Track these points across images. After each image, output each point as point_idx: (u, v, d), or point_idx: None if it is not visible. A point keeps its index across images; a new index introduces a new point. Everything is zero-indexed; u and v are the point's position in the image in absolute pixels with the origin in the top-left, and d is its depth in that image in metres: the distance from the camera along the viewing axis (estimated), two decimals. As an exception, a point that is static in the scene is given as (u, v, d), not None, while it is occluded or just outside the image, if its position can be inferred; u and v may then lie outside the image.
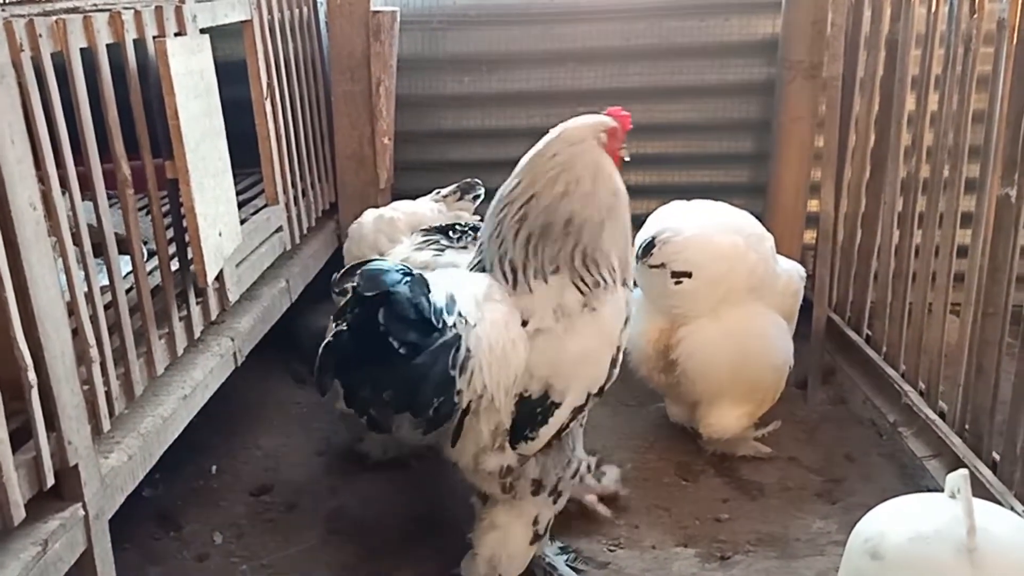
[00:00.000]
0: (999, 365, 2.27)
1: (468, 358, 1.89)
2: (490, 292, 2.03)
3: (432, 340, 1.82)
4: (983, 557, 1.57)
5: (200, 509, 2.67)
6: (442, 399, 1.87)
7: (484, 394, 1.95)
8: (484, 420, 1.99)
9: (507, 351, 1.97)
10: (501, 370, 1.96)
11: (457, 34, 3.69)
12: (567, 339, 2.02)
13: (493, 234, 2.09)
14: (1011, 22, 2.15)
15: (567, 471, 2.14)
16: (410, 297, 1.80)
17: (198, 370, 2.23)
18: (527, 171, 2.09)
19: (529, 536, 2.16)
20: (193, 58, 2.15)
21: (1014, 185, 2.16)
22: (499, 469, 2.05)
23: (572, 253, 2.05)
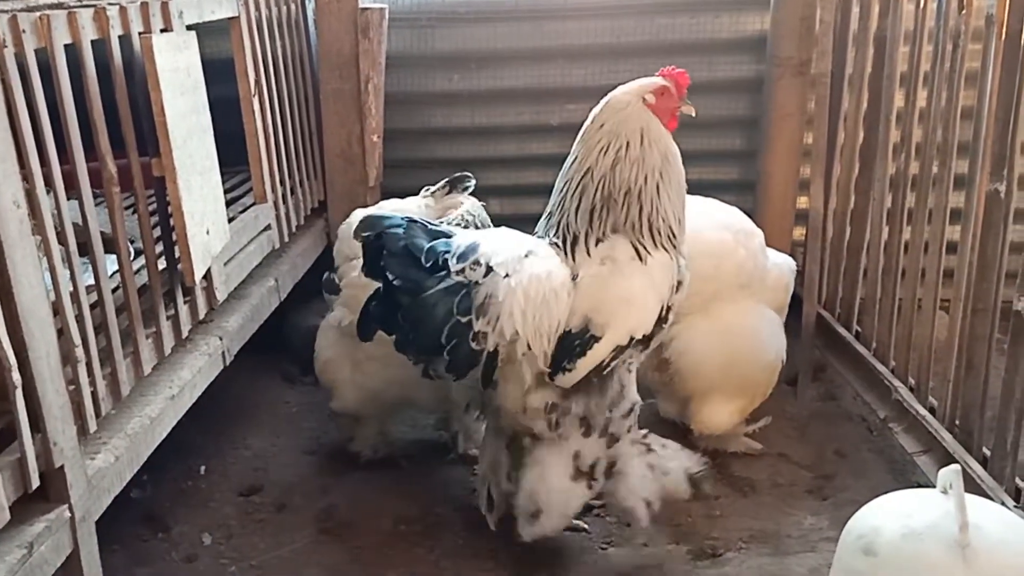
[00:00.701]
0: (989, 361, 2.28)
1: (489, 304, 2.01)
2: (537, 249, 2.14)
3: (432, 280, 1.99)
4: (975, 553, 1.57)
5: (188, 510, 2.65)
6: (455, 341, 2.00)
7: (518, 340, 2.05)
8: (526, 367, 2.10)
9: (548, 300, 2.07)
10: (541, 318, 2.06)
11: (446, 31, 3.68)
12: (611, 279, 2.11)
13: (555, 210, 2.20)
14: (999, 18, 2.15)
15: (615, 412, 2.19)
16: (403, 236, 2.02)
17: (186, 370, 2.21)
18: (581, 144, 2.19)
19: (570, 471, 2.23)
20: (179, 54, 2.13)
21: (1003, 181, 2.16)
22: (544, 405, 2.15)
23: (634, 221, 2.13)
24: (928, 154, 2.58)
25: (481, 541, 2.46)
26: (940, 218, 2.53)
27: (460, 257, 2.03)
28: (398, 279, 2.01)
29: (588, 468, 2.24)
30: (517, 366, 2.11)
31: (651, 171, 2.13)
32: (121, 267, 2.00)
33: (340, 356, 2.72)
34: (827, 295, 3.31)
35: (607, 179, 2.12)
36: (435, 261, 2.03)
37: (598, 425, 2.19)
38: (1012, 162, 2.14)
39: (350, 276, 2.63)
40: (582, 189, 2.15)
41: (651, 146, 2.13)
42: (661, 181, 2.14)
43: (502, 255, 2.07)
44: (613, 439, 2.22)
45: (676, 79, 2.19)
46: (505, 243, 2.12)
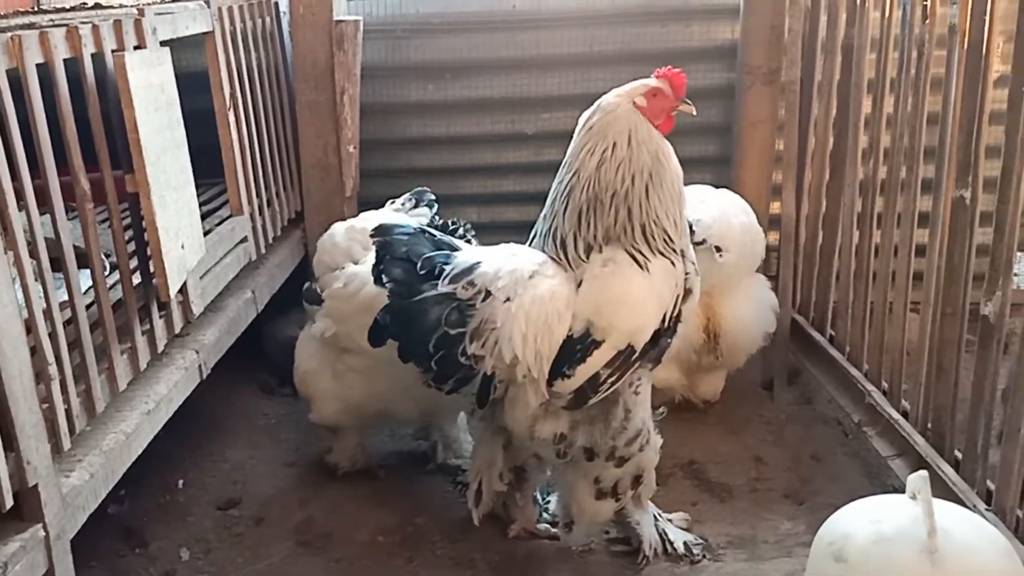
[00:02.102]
0: (959, 364, 2.31)
1: (486, 329, 2.04)
2: (542, 268, 2.14)
3: (423, 286, 2.04)
4: (944, 558, 1.59)
5: (166, 525, 2.64)
6: (442, 352, 2.04)
7: (518, 365, 2.06)
8: (531, 390, 2.11)
9: (551, 322, 2.08)
10: (542, 341, 2.07)
11: (421, 42, 3.70)
12: (610, 281, 2.12)
13: (548, 214, 2.22)
14: (962, 27, 2.19)
15: (619, 439, 2.19)
16: (406, 243, 2.10)
17: (162, 384, 2.21)
18: (572, 148, 2.19)
19: (592, 492, 2.27)
20: (153, 71, 2.13)
21: (968, 187, 2.20)
22: (553, 436, 2.16)
23: (625, 225, 2.13)
24: (896, 159, 2.62)
25: (460, 550, 2.47)
26: (909, 222, 2.57)
27: (455, 277, 2.05)
28: (391, 282, 2.07)
29: (611, 489, 2.28)
30: (520, 390, 2.12)
31: (639, 172, 2.11)
32: (95, 283, 2.00)
33: (321, 367, 2.72)
34: (801, 299, 3.35)
35: (592, 180, 2.13)
36: (430, 270, 2.06)
37: (603, 452, 2.20)
38: (977, 168, 2.18)
39: (332, 287, 2.63)
40: (570, 191, 2.16)
41: (639, 147, 2.12)
42: (651, 183, 2.12)
43: (504, 278, 2.08)
44: (623, 461, 2.23)
45: (671, 79, 2.17)
46: (509, 264, 2.12)
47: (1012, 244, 2.05)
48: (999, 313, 2.09)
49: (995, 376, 2.14)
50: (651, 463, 2.31)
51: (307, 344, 2.78)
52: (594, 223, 2.14)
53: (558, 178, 2.21)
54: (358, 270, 2.56)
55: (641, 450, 2.25)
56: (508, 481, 2.41)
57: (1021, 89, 1.96)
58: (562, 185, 2.18)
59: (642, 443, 2.24)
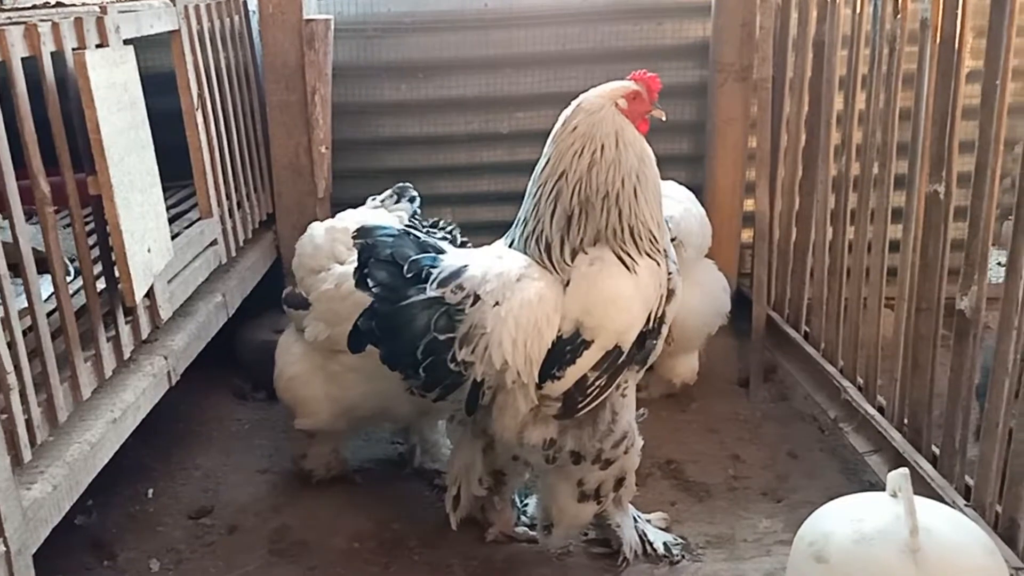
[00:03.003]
0: (934, 359, 2.32)
1: (476, 334, 2.01)
2: (528, 271, 2.11)
3: (411, 290, 2.00)
4: (926, 557, 1.58)
5: (136, 535, 2.58)
6: (431, 358, 2.00)
7: (508, 370, 2.03)
8: (520, 396, 2.08)
9: (540, 326, 2.06)
10: (532, 345, 2.05)
11: (393, 41, 3.66)
12: (598, 279, 2.09)
13: (530, 216, 2.17)
14: (933, 21, 2.20)
15: (605, 442, 2.17)
16: (391, 244, 2.05)
17: (129, 392, 2.15)
18: (553, 148, 2.16)
19: (575, 495, 2.25)
20: (116, 70, 2.07)
21: (942, 182, 2.20)
22: (543, 442, 2.13)
23: (615, 227, 2.11)
24: (868, 155, 2.63)
25: (437, 556, 2.44)
26: (882, 218, 2.58)
27: (443, 280, 2.02)
28: (377, 286, 2.02)
29: (594, 491, 2.26)
30: (510, 396, 2.09)
31: (628, 174, 2.11)
32: (56, 288, 1.94)
33: (308, 371, 2.65)
34: (776, 296, 3.35)
35: (584, 182, 2.10)
36: (417, 273, 2.02)
37: (589, 456, 2.17)
38: (950, 163, 2.19)
39: (322, 289, 2.58)
40: (557, 193, 2.12)
41: (626, 149, 2.11)
42: (638, 184, 2.12)
43: (492, 282, 2.05)
44: (609, 463, 2.21)
45: (647, 83, 2.18)
46: (496, 267, 2.09)
47: (987, 239, 2.05)
48: (975, 308, 2.09)
49: (972, 371, 2.14)
50: (633, 465, 2.30)
51: (290, 349, 2.72)
52: (584, 226, 2.12)
53: (539, 180, 2.17)
54: (349, 270, 2.50)
55: (626, 452, 2.23)
56: (487, 485, 2.39)
57: (994, 83, 1.97)
58: (547, 188, 2.14)
59: (627, 445, 2.23)
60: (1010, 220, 2.03)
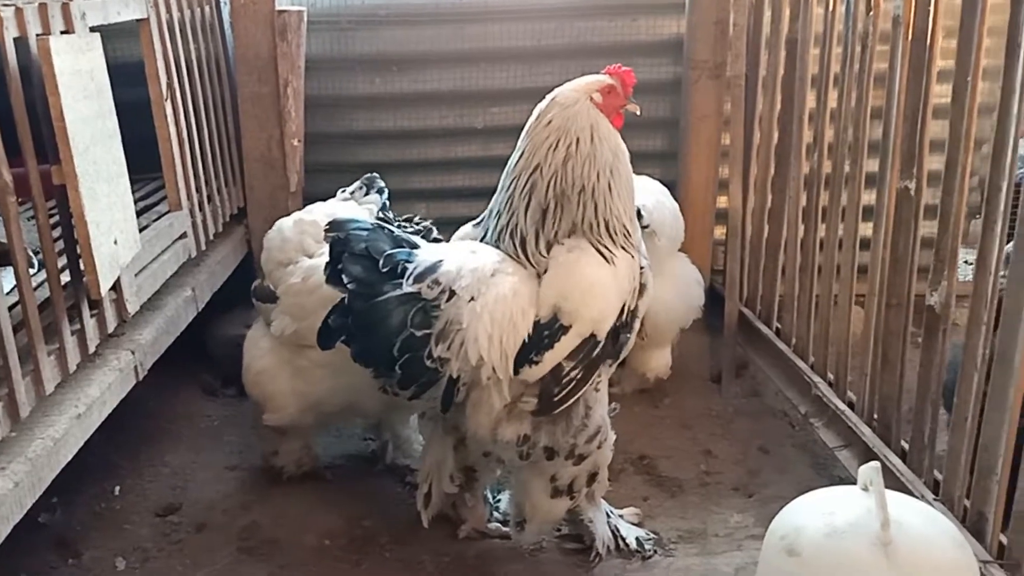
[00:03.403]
0: (904, 355, 2.34)
1: (452, 330, 1.98)
2: (502, 266, 2.09)
3: (387, 286, 1.97)
4: (897, 550, 1.59)
5: (102, 533, 2.54)
6: (408, 355, 1.97)
7: (483, 366, 2.01)
8: (495, 392, 2.06)
9: (516, 321, 2.04)
10: (507, 340, 2.03)
11: (367, 34, 3.63)
12: (577, 266, 2.09)
13: (503, 210, 2.16)
14: (906, 18, 2.21)
15: (579, 437, 2.16)
16: (365, 239, 2.00)
17: (94, 387, 2.11)
18: (527, 141, 2.14)
19: (548, 491, 2.24)
20: (82, 57, 2.03)
21: (913, 178, 2.22)
22: (516, 438, 2.11)
23: (591, 221, 2.11)
24: (840, 153, 2.64)
25: (408, 553, 2.42)
26: (853, 215, 2.60)
27: (419, 276, 2.00)
28: (353, 282, 1.98)
29: (566, 487, 2.24)
30: (484, 392, 2.07)
31: (603, 168, 2.11)
32: (19, 281, 1.89)
33: (275, 366, 2.62)
34: (748, 292, 3.37)
35: (559, 176, 2.10)
36: (393, 268, 1.99)
37: (563, 451, 2.16)
38: (921, 160, 2.21)
39: (290, 283, 2.55)
40: (532, 187, 2.11)
41: (601, 143, 2.11)
42: (612, 179, 2.12)
43: (467, 277, 2.03)
44: (582, 458, 2.20)
45: (622, 77, 2.18)
46: (470, 262, 2.07)
47: (957, 235, 2.07)
48: (944, 303, 2.11)
49: (941, 366, 2.16)
50: (606, 460, 2.29)
51: (257, 343, 2.69)
52: (560, 219, 2.12)
53: (512, 173, 2.16)
54: (317, 263, 2.48)
55: (599, 447, 2.22)
56: (459, 482, 2.37)
57: (966, 79, 1.98)
58: (521, 181, 2.13)
59: (600, 440, 2.22)
60: (978, 219, 2.06)
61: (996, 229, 1.90)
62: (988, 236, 1.92)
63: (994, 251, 1.91)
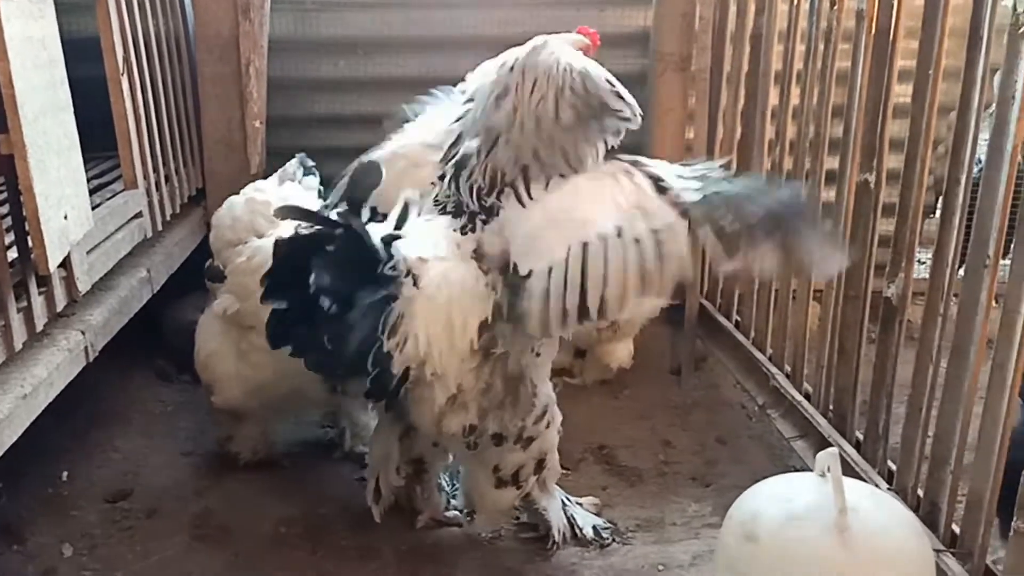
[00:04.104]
0: (860, 347, 2.37)
1: (400, 323, 1.90)
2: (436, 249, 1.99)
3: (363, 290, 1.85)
4: (854, 536, 1.60)
5: (48, 519, 2.47)
6: (379, 369, 1.88)
7: (428, 361, 1.95)
8: (438, 388, 2.00)
9: (451, 316, 1.96)
10: (445, 336, 1.96)
11: (332, 16, 3.59)
12: None
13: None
14: (869, 13, 2.23)
15: (528, 419, 2.13)
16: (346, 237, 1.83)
17: (41, 367, 2.04)
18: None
19: (492, 481, 2.20)
20: (33, 24, 1.96)
21: (872, 171, 2.25)
22: (462, 429, 2.07)
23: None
24: (801, 149, 2.66)
25: (365, 541, 2.39)
26: (814, 211, 2.62)
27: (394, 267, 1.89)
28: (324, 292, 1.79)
29: (511, 476, 2.21)
30: (428, 392, 2.02)
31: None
32: (-36, 255, 1.84)
33: (224, 348, 2.58)
34: (708, 285, 3.39)
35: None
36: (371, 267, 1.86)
37: (512, 435, 2.13)
38: (881, 155, 2.23)
39: (236, 263, 2.51)
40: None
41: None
42: None
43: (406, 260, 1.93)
44: (531, 441, 2.17)
45: (592, 38, 2.24)
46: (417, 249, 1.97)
47: (915, 228, 2.10)
48: (901, 296, 2.14)
49: (896, 358, 2.19)
50: (553, 445, 2.26)
51: (209, 325, 2.64)
52: None
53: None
54: (263, 243, 2.44)
55: (547, 427, 2.20)
56: (405, 475, 2.33)
57: (928, 73, 2.00)
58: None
59: (548, 420, 2.20)
60: (932, 218, 2.10)
61: (953, 223, 1.92)
62: (946, 230, 1.95)
63: (951, 245, 1.94)
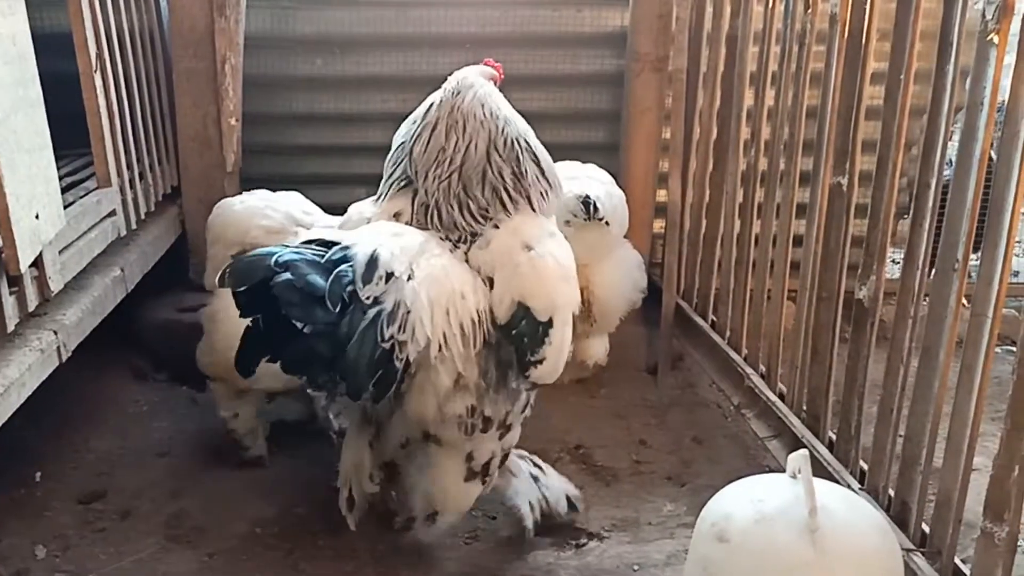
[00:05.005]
0: (833, 348, 2.39)
1: (407, 316, 1.89)
2: (426, 246, 2.03)
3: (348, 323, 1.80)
4: (824, 536, 1.62)
5: (20, 520, 2.44)
6: (381, 371, 1.86)
7: (431, 346, 1.95)
8: (444, 371, 2.00)
9: (455, 300, 1.98)
10: (452, 319, 1.98)
11: (309, 13, 3.57)
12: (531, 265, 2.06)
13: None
14: (842, 16, 2.26)
15: (516, 406, 2.15)
16: (296, 279, 1.76)
17: (12, 367, 2.02)
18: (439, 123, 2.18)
19: (463, 473, 2.18)
20: (3, 21, 1.94)
21: (845, 174, 2.27)
22: (466, 410, 2.07)
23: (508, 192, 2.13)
24: (776, 150, 2.69)
25: (341, 541, 2.38)
26: (787, 212, 2.64)
27: (365, 278, 1.85)
28: (313, 324, 1.76)
29: (481, 468, 2.20)
30: (434, 375, 2.01)
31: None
32: (-67, 255, 1.81)
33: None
34: (685, 285, 3.41)
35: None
36: (342, 299, 1.80)
37: (497, 420, 2.13)
38: (854, 157, 2.25)
39: None
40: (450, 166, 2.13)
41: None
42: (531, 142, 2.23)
43: (394, 261, 1.92)
44: (508, 429, 2.18)
45: (498, 71, 2.35)
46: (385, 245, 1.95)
47: (887, 230, 2.12)
48: (872, 297, 2.16)
49: (868, 359, 2.21)
50: (515, 439, 2.27)
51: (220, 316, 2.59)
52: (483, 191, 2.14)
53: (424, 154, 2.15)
54: None
55: (522, 413, 2.21)
56: (378, 480, 2.30)
57: (899, 77, 2.03)
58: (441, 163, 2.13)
59: (526, 410, 2.22)
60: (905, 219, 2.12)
61: (924, 225, 1.95)
62: (916, 232, 1.97)
63: (922, 246, 1.97)
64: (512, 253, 2.06)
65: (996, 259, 1.71)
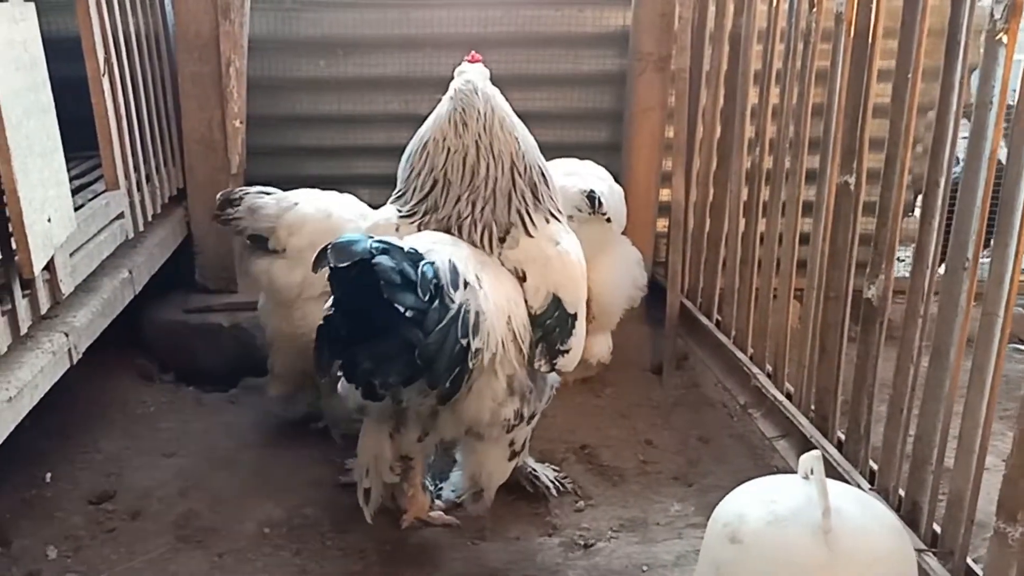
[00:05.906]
0: (841, 347, 2.39)
1: (481, 321, 1.96)
2: (479, 256, 2.12)
3: (435, 309, 1.86)
4: (837, 537, 1.62)
5: (32, 522, 2.45)
6: (458, 369, 1.92)
7: (497, 351, 2.04)
8: (500, 374, 2.08)
9: (511, 308, 2.09)
10: (510, 325, 2.08)
11: (312, 16, 3.58)
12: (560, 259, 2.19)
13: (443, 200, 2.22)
14: (847, 16, 2.26)
15: (543, 399, 2.25)
16: (394, 262, 1.81)
17: (25, 369, 2.03)
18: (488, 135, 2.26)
19: (507, 455, 2.28)
20: (15, 27, 1.95)
21: (852, 173, 2.28)
22: (514, 414, 2.14)
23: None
24: (781, 149, 2.69)
25: (349, 541, 2.40)
26: (793, 210, 2.65)
27: (454, 284, 1.91)
28: (410, 309, 1.80)
29: (521, 447, 2.32)
30: (492, 379, 2.07)
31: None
32: (-54, 259, 1.82)
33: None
34: (689, 285, 3.41)
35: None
36: (431, 291, 1.85)
37: (527, 415, 2.20)
38: (861, 155, 2.26)
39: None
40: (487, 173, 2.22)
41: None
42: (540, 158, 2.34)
43: (466, 270, 2.00)
44: (533, 417, 2.25)
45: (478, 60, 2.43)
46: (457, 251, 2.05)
47: (895, 229, 2.13)
48: (881, 296, 2.17)
49: (877, 358, 2.22)
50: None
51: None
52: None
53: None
54: None
55: (547, 400, 2.31)
56: (399, 472, 2.32)
57: (906, 76, 2.03)
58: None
59: (548, 398, 2.31)
60: (911, 216, 2.13)
61: (933, 224, 1.95)
62: (925, 231, 1.98)
63: (931, 245, 1.97)
64: (542, 246, 2.18)
65: (1007, 257, 1.71)
